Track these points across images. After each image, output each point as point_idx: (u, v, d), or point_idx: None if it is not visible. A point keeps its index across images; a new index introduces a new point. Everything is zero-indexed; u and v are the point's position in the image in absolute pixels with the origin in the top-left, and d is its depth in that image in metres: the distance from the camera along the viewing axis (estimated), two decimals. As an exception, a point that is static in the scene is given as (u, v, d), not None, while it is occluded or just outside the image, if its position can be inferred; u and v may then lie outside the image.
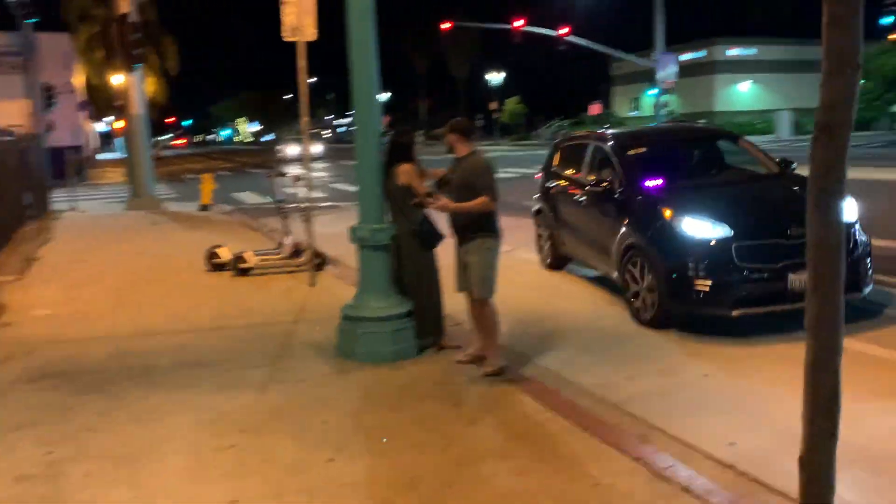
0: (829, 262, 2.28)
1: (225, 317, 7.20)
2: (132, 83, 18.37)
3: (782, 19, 67.01)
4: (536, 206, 9.36)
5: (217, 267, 9.64)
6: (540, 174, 9.62)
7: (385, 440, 4.25)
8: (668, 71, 27.32)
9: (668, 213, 6.58)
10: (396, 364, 5.54)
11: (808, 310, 2.40)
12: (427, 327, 5.85)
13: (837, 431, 2.58)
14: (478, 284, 5.38)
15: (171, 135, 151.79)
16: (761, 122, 48.81)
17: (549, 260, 8.98)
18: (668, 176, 7.17)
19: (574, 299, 7.72)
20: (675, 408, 4.84)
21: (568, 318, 7.05)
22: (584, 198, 7.99)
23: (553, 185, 8.99)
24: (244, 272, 9.34)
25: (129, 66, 17.88)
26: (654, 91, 43.80)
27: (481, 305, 5.47)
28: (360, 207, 5.76)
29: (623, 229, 6.91)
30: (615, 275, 7.08)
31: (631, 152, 7.69)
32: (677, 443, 4.31)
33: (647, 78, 49.64)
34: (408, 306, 5.74)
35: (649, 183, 7.10)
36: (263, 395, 4.96)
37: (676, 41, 42.12)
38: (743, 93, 55.01)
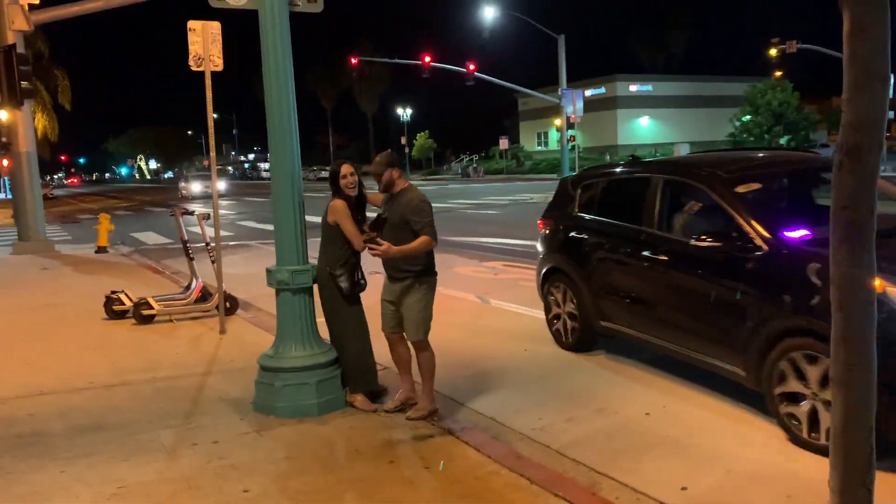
0: (860, 304, 2.00)
1: (127, 371, 6.52)
2: (20, 119, 17.17)
3: (672, 58, 70.60)
4: (548, 266, 7.14)
5: (117, 314, 8.88)
6: (546, 221, 7.45)
7: (316, 509, 3.79)
8: (575, 107, 27.83)
9: (877, 283, 4.75)
10: (323, 418, 5.08)
11: (837, 359, 2.08)
12: (357, 378, 5.39)
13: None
14: (415, 326, 5.07)
15: (62, 173, 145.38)
16: (661, 153, 50.82)
17: (571, 339, 6.80)
18: (810, 225, 5.02)
19: (496, 334, 7.45)
20: (622, 451, 4.60)
21: (494, 354, 6.77)
22: (665, 257, 5.67)
23: (583, 236, 6.71)
24: (148, 319, 8.64)
25: (16, 102, 16.73)
26: (559, 125, 45.00)
27: (420, 347, 5.17)
28: (277, 247, 5.31)
29: (768, 307, 4.75)
30: (743, 373, 4.95)
31: (744, 190, 5.47)
32: (628, 490, 4.06)
33: (553, 113, 51.10)
34: (333, 353, 5.31)
35: (794, 236, 4.90)
36: (174, 462, 4.40)
37: (578, 77, 43.44)
38: (643, 127, 57.28)
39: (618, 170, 7.21)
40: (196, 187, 44.43)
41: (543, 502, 3.88)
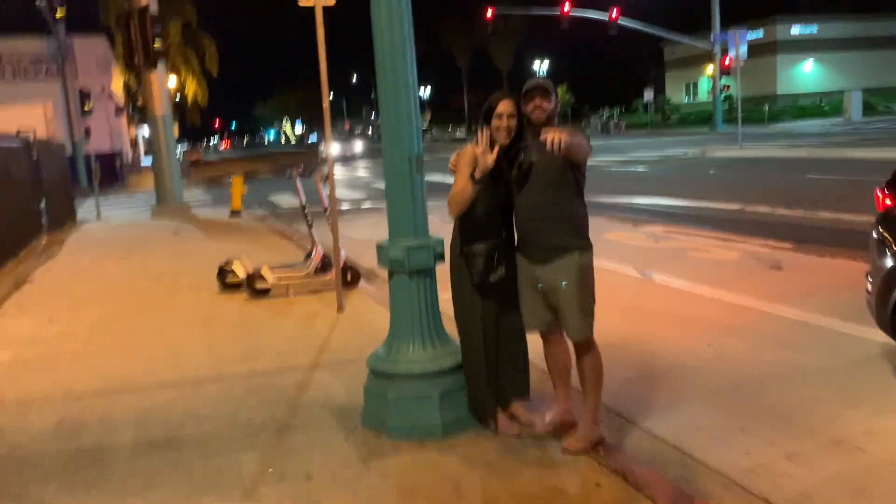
0: None
1: (223, 360, 5.56)
2: (154, 81, 17.01)
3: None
4: None
5: (230, 286, 8.06)
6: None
7: None
8: (738, 50, 24.80)
9: None
10: (448, 442, 3.81)
11: None
12: (482, 397, 3.92)
13: None
14: (581, 318, 3.68)
15: (217, 138, 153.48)
16: (827, 104, 45.77)
17: None
18: None
19: (666, 320, 5.90)
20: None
21: (668, 350, 5.25)
22: None
23: None
24: (261, 293, 7.74)
25: (151, 63, 16.56)
26: (711, 73, 41.30)
27: (586, 348, 3.76)
28: (389, 216, 4.05)
29: None
30: None
31: None
32: None
33: (703, 61, 47.11)
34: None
35: None
36: (249, 509, 3.28)
37: (730, 21, 39.44)
38: (806, 73, 51.84)
39: None
40: (335, 149, 44.73)
41: None
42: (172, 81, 44.67)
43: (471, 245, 3.71)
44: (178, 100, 49.54)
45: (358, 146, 48.83)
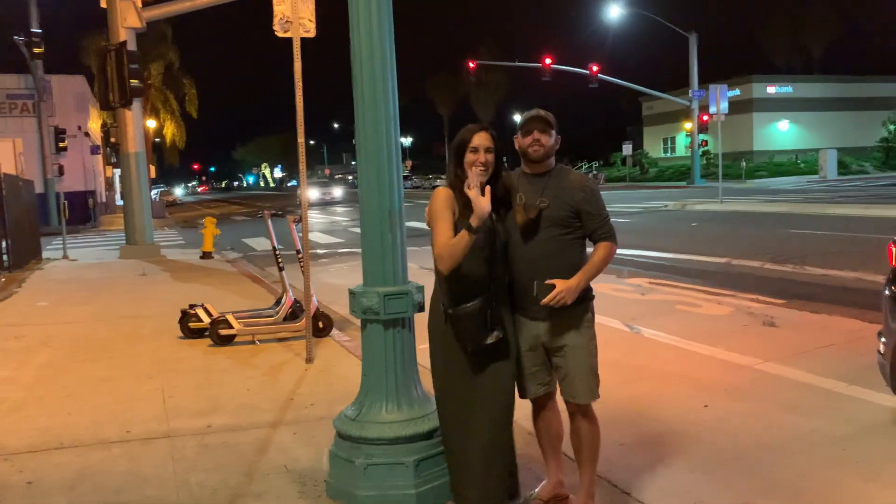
0: None
1: (178, 414, 5.05)
2: (129, 119, 16.62)
3: (810, 58, 65.00)
4: None
5: (194, 333, 7.55)
6: None
7: None
8: (718, 106, 24.99)
9: None
10: (423, 517, 3.35)
11: None
12: (470, 486, 3.21)
13: None
14: (588, 380, 3.28)
15: (195, 181, 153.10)
16: (803, 161, 46.50)
17: None
18: None
19: (659, 378, 5.50)
20: None
21: (661, 411, 4.84)
22: None
23: None
24: (226, 340, 7.25)
25: (126, 100, 16.18)
26: (689, 129, 41.77)
27: (587, 414, 3.34)
28: (364, 260, 3.65)
29: None
30: None
31: None
32: None
33: (681, 117, 47.72)
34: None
35: None
36: None
37: (708, 80, 40.11)
38: (781, 131, 52.80)
39: None
40: (313, 194, 44.41)
41: None
42: (152, 122, 44.42)
43: (459, 305, 3.09)
44: (157, 140, 49.20)
45: (337, 191, 48.58)
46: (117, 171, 56.62)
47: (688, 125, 43.91)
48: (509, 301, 3.28)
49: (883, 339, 4.26)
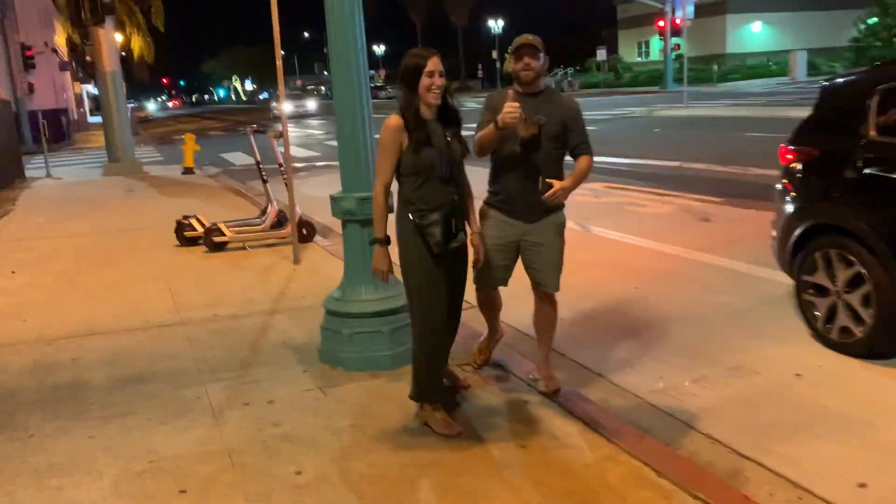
0: None
1: (187, 307, 5.90)
2: (103, 37, 16.79)
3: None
4: (811, 222, 4.66)
5: (189, 241, 8.33)
6: (802, 150, 5.00)
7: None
8: (685, 9, 25.31)
9: None
10: (397, 373, 4.26)
11: None
12: (427, 385, 3.68)
13: None
14: (556, 274, 3.96)
15: (165, 96, 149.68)
16: (774, 63, 46.81)
17: (860, 335, 4.30)
18: None
19: (600, 268, 6.42)
20: (769, 427, 3.60)
21: (599, 294, 5.76)
22: None
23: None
24: (219, 247, 8.05)
25: (98, 17, 16.33)
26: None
27: (551, 301, 4.08)
28: (342, 169, 4.43)
29: None
30: None
31: None
32: (784, 483, 3.10)
33: (654, 20, 47.59)
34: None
35: None
36: (218, 429, 3.69)
37: (684, -20, 39.88)
38: (754, 33, 52.79)
39: None
40: (287, 108, 44.17)
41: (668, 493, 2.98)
42: (118, 37, 43.50)
43: (425, 214, 3.39)
44: (123, 54, 48.26)
45: (311, 104, 48.24)
46: (85, 87, 55.77)
47: (661, 24, 43.89)
48: (497, 205, 3.86)
49: (774, 226, 5.15)
